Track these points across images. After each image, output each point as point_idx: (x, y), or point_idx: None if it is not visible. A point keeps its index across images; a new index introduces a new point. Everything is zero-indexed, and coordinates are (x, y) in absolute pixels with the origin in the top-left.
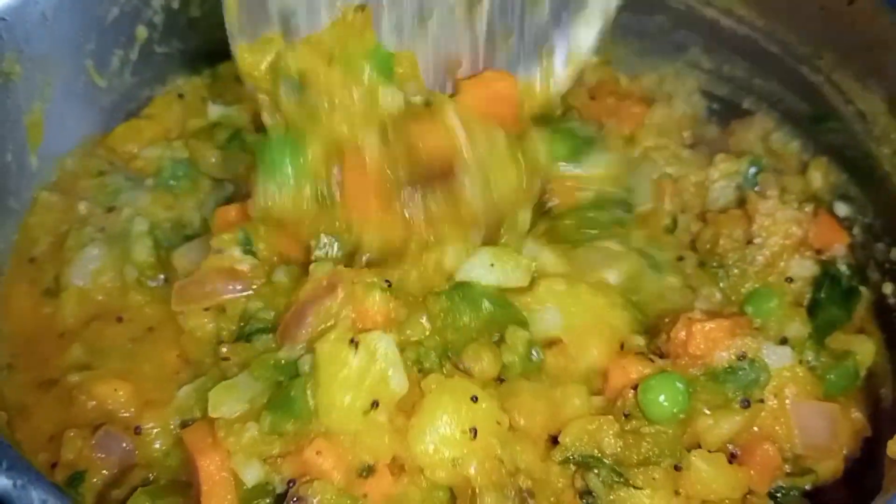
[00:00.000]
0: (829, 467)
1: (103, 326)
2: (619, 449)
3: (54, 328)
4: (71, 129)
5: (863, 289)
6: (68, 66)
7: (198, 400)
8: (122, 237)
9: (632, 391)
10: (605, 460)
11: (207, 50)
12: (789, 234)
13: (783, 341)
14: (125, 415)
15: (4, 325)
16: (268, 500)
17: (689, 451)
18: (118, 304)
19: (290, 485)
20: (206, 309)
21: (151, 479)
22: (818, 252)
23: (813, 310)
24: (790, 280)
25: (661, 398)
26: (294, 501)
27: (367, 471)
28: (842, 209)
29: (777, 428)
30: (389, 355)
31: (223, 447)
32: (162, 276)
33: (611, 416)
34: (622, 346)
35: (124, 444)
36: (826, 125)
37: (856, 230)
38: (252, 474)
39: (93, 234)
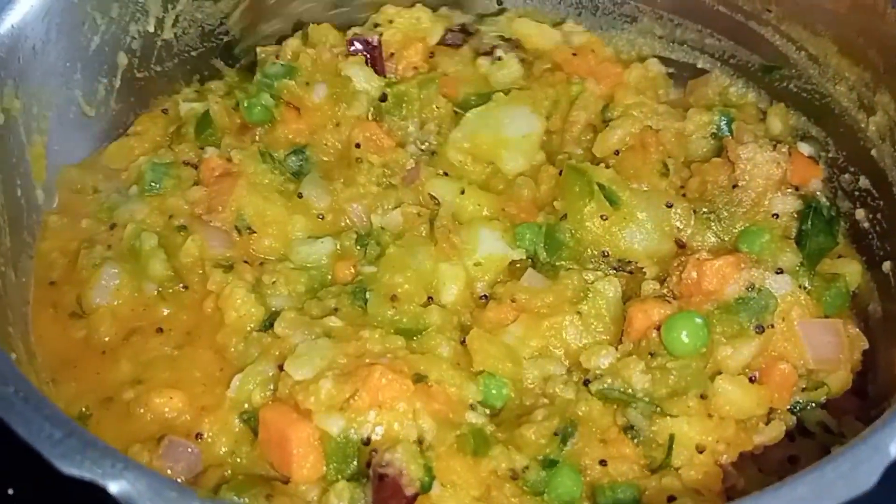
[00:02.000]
0: (839, 379)
1: (145, 339)
2: (647, 384)
3: (94, 347)
4: (66, 160)
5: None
6: (60, 98)
7: (247, 392)
8: (132, 254)
9: (654, 332)
10: (638, 395)
11: (182, 70)
12: (770, 175)
13: (779, 271)
14: (183, 421)
15: (38, 350)
16: (354, 464)
17: (712, 379)
18: (152, 316)
19: (374, 453)
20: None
21: (228, 475)
22: (797, 188)
23: (801, 240)
24: (776, 216)
25: (684, 334)
26: (380, 467)
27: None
28: (805, 149)
29: (789, 348)
30: None
31: (305, 410)
32: (181, 285)
33: (635, 356)
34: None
35: (189, 450)
36: (779, 73)
37: (821, 165)
38: (337, 425)
39: (103, 253)
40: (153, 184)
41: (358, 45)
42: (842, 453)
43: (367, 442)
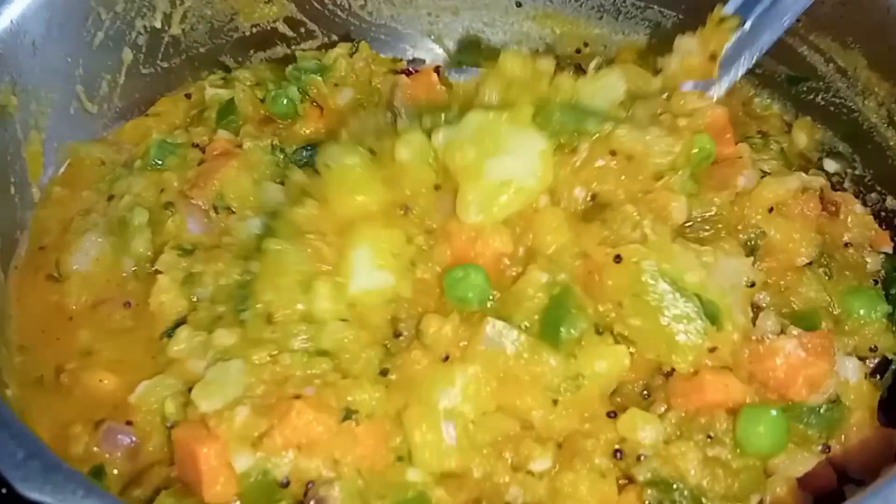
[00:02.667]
0: None
1: (112, 310)
2: (706, 481)
3: (63, 312)
4: (66, 158)
5: None
6: (60, 94)
7: (157, 401)
8: (120, 225)
9: (725, 414)
10: (684, 490)
11: (190, 67)
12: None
13: (873, 349)
14: (115, 404)
15: (18, 311)
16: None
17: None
18: (123, 289)
19: (309, 485)
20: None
21: (174, 476)
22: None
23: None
24: (877, 282)
25: (762, 430)
26: (315, 501)
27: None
28: (831, 165)
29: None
30: None
31: (217, 435)
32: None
33: (692, 442)
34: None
35: (129, 440)
36: (806, 85)
37: (847, 184)
38: (245, 462)
39: (96, 220)
40: (157, 160)
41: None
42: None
43: (286, 484)
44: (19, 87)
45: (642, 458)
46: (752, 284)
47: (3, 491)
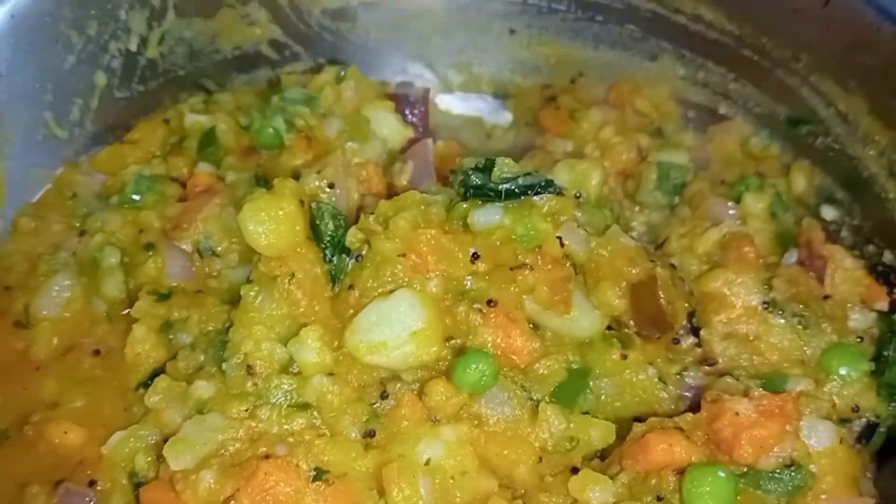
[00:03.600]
0: None
1: (79, 358)
2: None
3: (30, 361)
4: (31, 185)
5: None
6: (27, 121)
7: (130, 452)
8: (92, 266)
9: (672, 475)
10: None
11: (169, 90)
12: (855, 284)
13: (855, 409)
14: (79, 461)
15: None
16: None
17: None
18: (94, 334)
19: None
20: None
21: None
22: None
23: (879, 368)
24: (861, 339)
25: (708, 489)
26: None
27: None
28: (829, 213)
29: None
30: None
31: (183, 501)
32: (128, 310)
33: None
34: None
35: (87, 500)
36: (805, 128)
37: (844, 233)
38: None
39: (66, 260)
40: (134, 196)
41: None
42: None
43: None
44: None
45: None
46: None
47: None
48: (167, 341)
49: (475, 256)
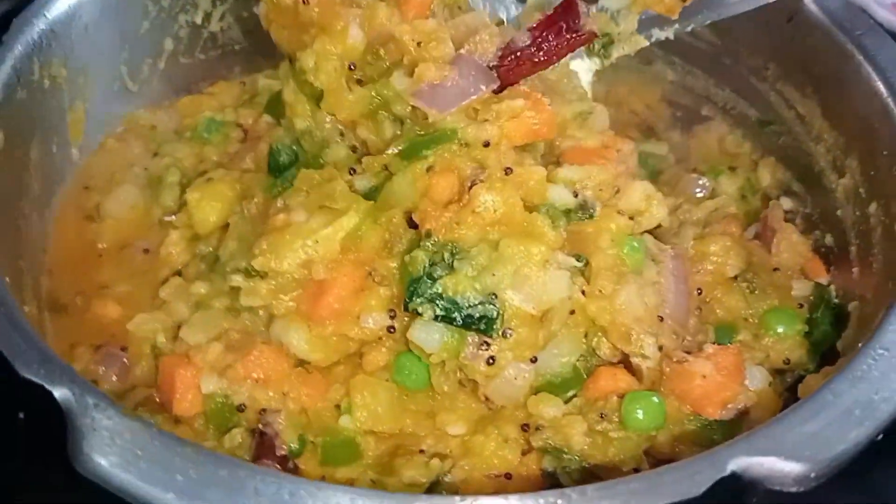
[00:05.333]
0: None
1: (133, 254)
2: (586, 447)
3: (95, 250)
4: (106, 128)
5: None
6: (106, 72)
7: (151, 331)
8: (157, 180)
9: (616, 398)
10: (573, 456)
11: (225, 61)
12: (799, 256)
13: (786, 362)
14: (116, 332)
15: (55, 243)
16: (237, 424)
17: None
18: (147, 237)
19: (261, 412)
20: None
21: (151, 397)
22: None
23: (809, 329)
24: (802, 306)
25: (640, 412)
26: (262, 425)
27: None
28: (786, 203)
29: None
30: None
31: (195, 363)
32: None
33: (580, 416)
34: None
35: (123, 360)
36: (772, 128)
37: (798, 221)
38: (210, 384)
39: (138, 173)
40: (204, 133)
41: None
42: (685, 463)
43: (242, 409)
44: (70, 63)
45: (540, 428)
46: None
47: (5, 374)
48: (193, 249)
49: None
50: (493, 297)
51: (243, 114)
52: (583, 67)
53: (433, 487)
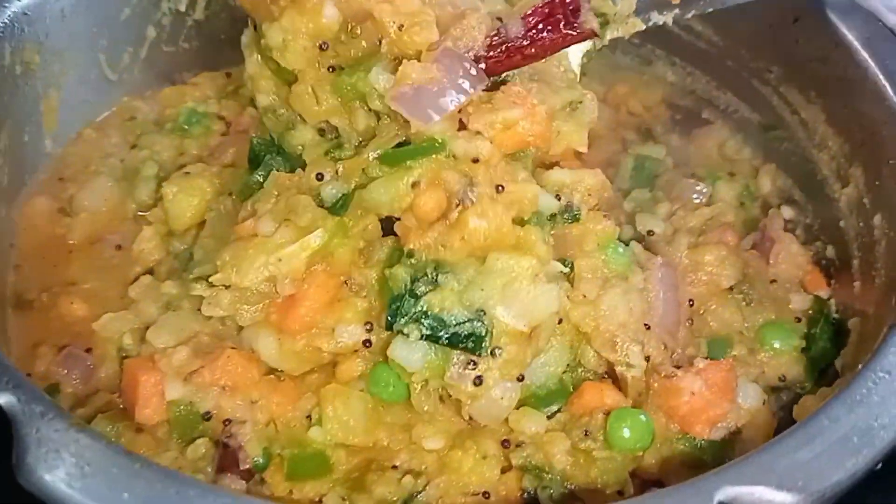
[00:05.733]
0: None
1: (104, 249)
2: (568, 467)
3: (65, 244)
4: (83, 117)
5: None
6: (83, 59)
7: (117, 332)
8: (133, 173)
9: (601, 415)
10: (554, 476)
11: (210, 51)
12: (798, 268)
13: (782, 379)
14: (81, 331)
15: (24, 238)
16: (208, 436)
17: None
18: (121, 230)
19: (226, 422)
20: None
21: (114, 402)
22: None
23: (808, 344)
24: (799, 319)
25: (626, 430)
26: (226, 436)
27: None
28: (787, 212)
29: None
30: None
31: (158, 368)
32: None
33: (562, 433)
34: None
35: (87, 363)
36: (774, 133)
37: (798, 231)
38: (175, 391)
39: (114, 165)
40: (184, 125)
41: None
42: (669, 491)
43: (208, 417)
44: (45, 49)
45: (521, 445)
46: None
47: None
48: (167, 246)
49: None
50: (482, 313)
51: (227, 105)
52: (573, 47)
53: None
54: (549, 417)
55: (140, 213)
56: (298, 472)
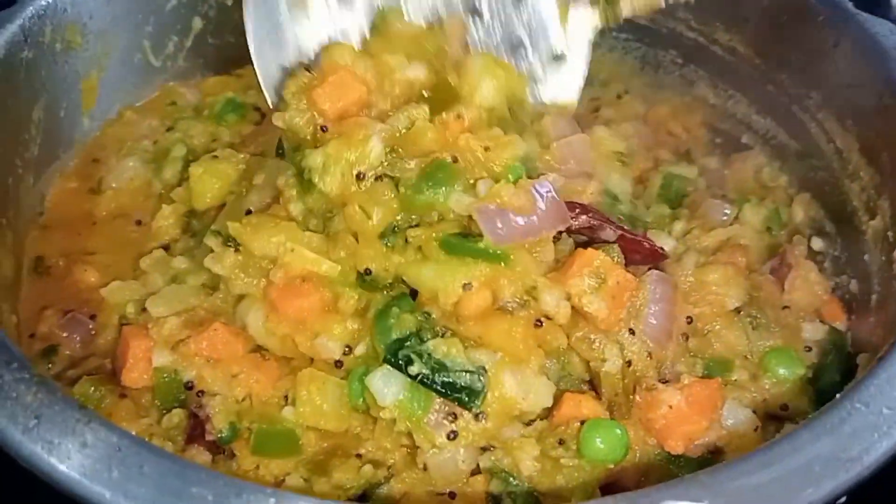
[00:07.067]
0: None
1: (125, 224)
2: (535, 473)
3: (90, 217)
4: (122, 98)
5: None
6: (126, 44)
7: (122, 301)
8: (163, 154)
9: (577, 424)
10: (521, 481)
11: None
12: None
13: (783, 408)
14: (90, 298)
15: (51, 208)
16: (183, 398)
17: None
18: (143, 208)
19: (200, 395)
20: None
21: (103, 366)
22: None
23: (817, 375)
24: (809, 349)
25: (599, 441)
26: (196, 407)
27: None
28: (817, 243)
29: None
30: None
31: (150, 336)
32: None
33: (532, 439)
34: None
35: (90, 328)
36: (809, 161)
37: (826, 263)
38: (161, 358)
39: (146, 147)
40: (220, 113)
41: None
42: (607, 500)
43: (190, 386)
44: (88, 30)
45: (491, 448)
46: None
47: None
48: (185, 225)
49: None
50: (483, 370)
51: (263, 98)
52: (583, 19)
53: (368, 497)
54: (527, 424)
55: (163, 193)
56: (264, 447)
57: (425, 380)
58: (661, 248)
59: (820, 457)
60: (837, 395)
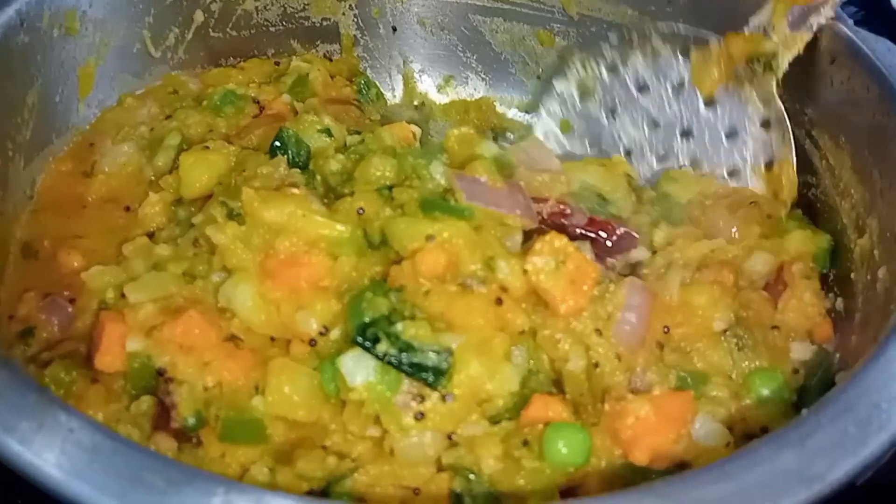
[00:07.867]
0: None
1: (114, 209)
2: (496, 473)
3: (81, 201)
4: (120, 87)
5: None
6: (126, 33)
7: (104, 284)
8: (157, 141)
9: (542, 426)
10: (481, 479)
11: (258, 41)
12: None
13: (764, 430)
14: (71, 283)
15: (43, 190)
16: (154, 384)
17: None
18: (134, 194)
19: (168, 381)
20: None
21: (77, 351)
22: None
23: (803, 395)
24: (797, 371)
25: (561, 444)
26: (163, 394)
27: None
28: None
29: None
30: None
31: (125, 322)
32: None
33: (497, 437)
34: None
35: (69, 311)
36: (804, 178)
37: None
38: (134, 344)
39: (142, 133)
40: (218, 104)
41: None
42: None
43: (162, 373)
44: (86, 17)
45: (455, 445)
46: None
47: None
48: (172, 213)
49: None
50: (449, 351)
51: (265, 90)
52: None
53: (333, 490)
54: (495, 423)
55: (153, 180)
56: (231, 435)
57: (392, 359)
58: (634, 232)
59: (781, 472)
60: (804, 411)
